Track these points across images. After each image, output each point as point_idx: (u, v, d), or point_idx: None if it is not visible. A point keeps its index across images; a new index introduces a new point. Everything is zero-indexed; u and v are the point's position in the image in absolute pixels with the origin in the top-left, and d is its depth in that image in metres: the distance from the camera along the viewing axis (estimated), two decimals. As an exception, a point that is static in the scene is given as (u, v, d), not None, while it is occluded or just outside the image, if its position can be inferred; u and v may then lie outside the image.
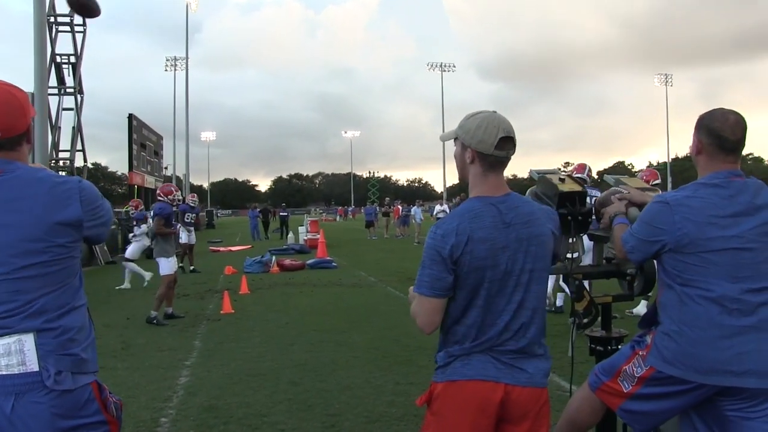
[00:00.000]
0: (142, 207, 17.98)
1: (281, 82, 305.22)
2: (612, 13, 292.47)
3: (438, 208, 33.45)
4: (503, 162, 2.54)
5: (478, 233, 2.42)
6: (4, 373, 2.14)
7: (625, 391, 2.91)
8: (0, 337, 2.16)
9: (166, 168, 54.82)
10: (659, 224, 2.81)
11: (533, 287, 2.51)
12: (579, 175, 8.93)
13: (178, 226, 16.93)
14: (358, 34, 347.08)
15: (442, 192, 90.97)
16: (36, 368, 2.16)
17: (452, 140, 2.64)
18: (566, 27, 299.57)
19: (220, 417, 5.45)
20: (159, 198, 11.39)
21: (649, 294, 3.65)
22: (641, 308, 9.06)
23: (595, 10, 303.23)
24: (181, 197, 15.31)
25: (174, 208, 12.36)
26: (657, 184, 8.76)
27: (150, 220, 15.55)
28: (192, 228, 18.33)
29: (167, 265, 10.25)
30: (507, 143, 2.50)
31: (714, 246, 2.70)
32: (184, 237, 17.66)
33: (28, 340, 2.16)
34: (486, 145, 2.49)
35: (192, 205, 19.26)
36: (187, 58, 59.06)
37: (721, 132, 2.81)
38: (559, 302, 9.82)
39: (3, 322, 2.16)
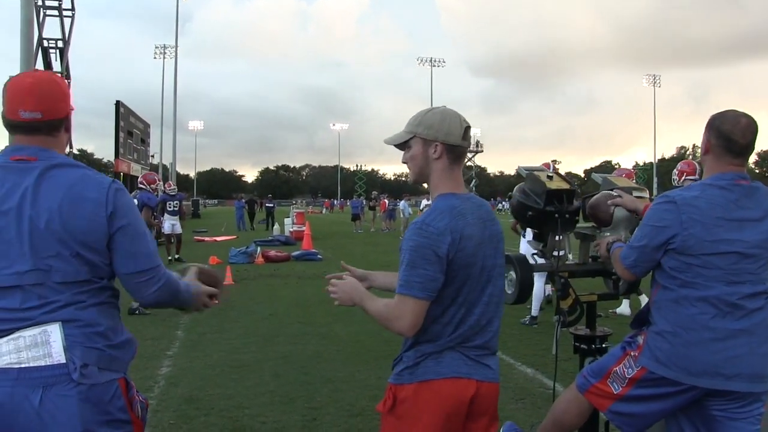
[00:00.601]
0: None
1: (271, 73, 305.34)
2: (604, 13, 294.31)
3: (425, 202, 33.40)
4: (465, 154, 2.55)
5: (466, 230, 2.38)
6: (30, 365, 2.08)
7: (615, 392, 2.90)
8: (24, 328, 2.11)
9: (152, 156, 54.51)
10: (666, 224, 2.76)
11: (499, 282, 2.52)
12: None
13: (162, 218, 16.88)
14: (350, 28, 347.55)
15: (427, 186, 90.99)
16: (63, 360, 2.10)
17: (403, 143, 2.56)
18: (558, 26, 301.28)
19: (201, 408, 5.41)
20: (141, 186, 11.27)
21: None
22: (624, 308, 9.06)
23: (587, 9, 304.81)
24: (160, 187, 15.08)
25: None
26: None
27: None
28: (177, 217, 18.09)
29: None
30: (468, 133, 2.50)
31: (718, 249, 2.69)
32: (167, 227, 17.47)
33: (54, 331, 2.12)
34: (454, 137, 2.46)
35: (171, 193, 18.88)
36: (176, 46, 58.90)
37: (731, 135, 2.78)
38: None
39: (27, 314, 2.12)
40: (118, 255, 2.25)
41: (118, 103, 31.42)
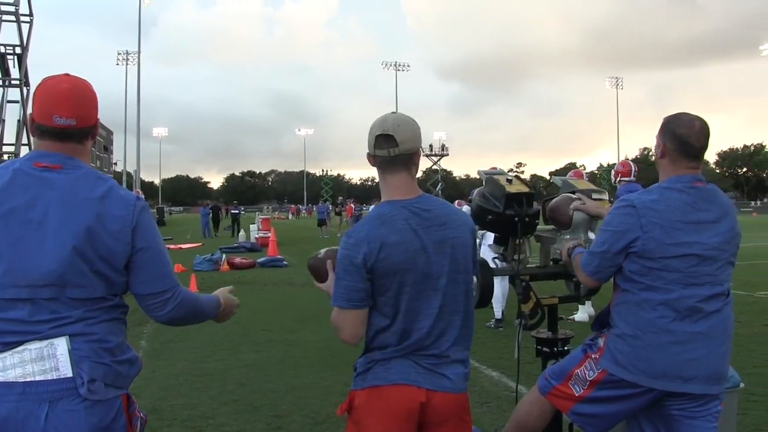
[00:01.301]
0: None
1: (237, 78, 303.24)
2: (569, 17, 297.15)
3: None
4: (395, 162, 2.43)
5: (391, 237, 2.35)
6: (36, 378, 2.02)
7: (576, 394, 2.91)
8: (31, 342, 2.05)
9: (116, 163, 53.96)
10: (627, 228, 2.76)
11: (452, 291, 2.45)
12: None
13: None
14: (318, 32, 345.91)
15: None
16: (70, 374, 2.05)
17: None
18: (524, 29, 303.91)
19: (163, 419, 5.33)
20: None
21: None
22: (580, 314, 9.05)
23: (552, 13, 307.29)
24: None
25: None
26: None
27: None
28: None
29: None
30: (387, 141, 2.41)
31: (677, 252, 2.70)
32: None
33: (61, 344, 2.06)
34: (370, 147, 2.46)
35: None
36: (139, 52, 58.28)
37: (687, 138, 2.80)
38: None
39: (35, 327, 2.05)
40: (136, 275, 2.22)
41: (79, 110, 30.99)
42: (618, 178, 8.54)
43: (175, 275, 2.34)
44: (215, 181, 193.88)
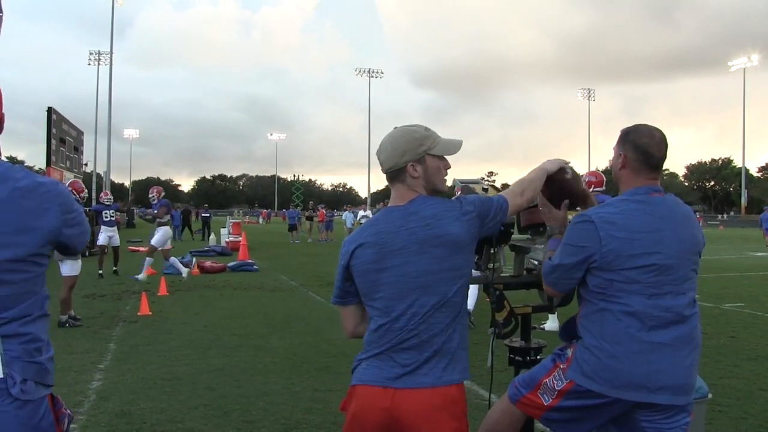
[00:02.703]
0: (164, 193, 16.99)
1: (211, 81, 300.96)
2: (545, 28, 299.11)
3: (361, 213, 33.62)
4: (389, 177, 2.65)
5: (369, 238, 2.52)
6: None
7: (545, 404, 2.92)
8: None
9: (86, 164, 53.24)
10: (585, 243, 2.78)
11: (434, 289, 2.48)
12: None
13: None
14: (294, 37, 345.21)
15: (366, 197, 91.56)
16: (0, 375, 2.01)
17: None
18: (499, 39, 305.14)
19: (132, 423, 5.28)
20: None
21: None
22: (550, 323, 9.10)
23: (528, 24, 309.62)
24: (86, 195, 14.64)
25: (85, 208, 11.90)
26: None
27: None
28: (114, 228, 17.47)
29: (73, 266, 9.57)
30: (381, 160, 2.68)
31: (637, 263, 2.72)
32: (103, 238, 16.96)
33: None
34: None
35: (107, 203, 18.31)
36: (111, 53, 57.83)
37: (648, 148, 2.83)
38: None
39: None
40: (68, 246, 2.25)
41: (50, 110, 30.57)
42: (591, 189, 8.53)
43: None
44: (186, 185, 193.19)
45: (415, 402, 2.44)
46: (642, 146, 2.84)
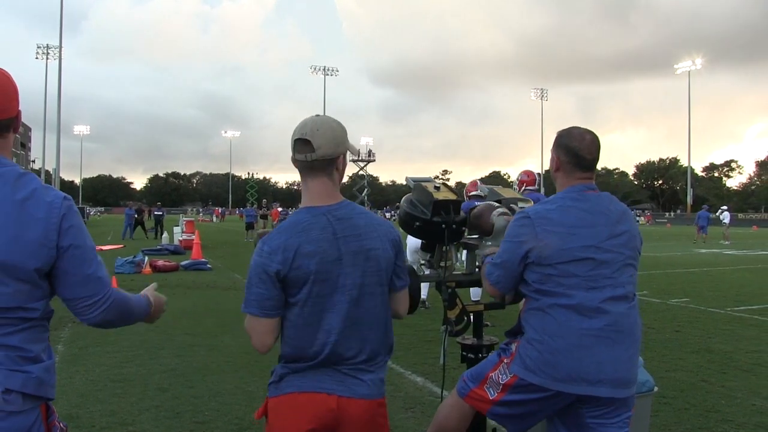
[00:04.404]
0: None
1: (167, 77, 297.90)
2: (503, 28, 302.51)
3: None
4: (314, 167, 2.42)
5: (306, 247, 2.33)
6: None
7: (491, 398, 2.98)
8: None
9: (33, 161, 52.21)
10: (523, 239, 2.87)
11: (366, 302, 2.43)
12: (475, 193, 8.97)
13: None
14: (253, 33, 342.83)
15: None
16: None
17: None
18: (458, 38, 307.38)
19: (81, 426, 5.18)
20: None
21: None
22: None
23: (486, 24, 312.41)
24: None
25: None
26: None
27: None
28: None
29: None
30: (305, 146, 2.41)
31: (573, 256, 2.81)
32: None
33: None
34: (292, 151, 2.46)
35: None
36: (60, 46, 56.72)
37: (579, 151, 2.96)
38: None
39: None
40: (62, 280, 2.08)
41: (-6, 105, 29.93)
42: (523, 188, 8.53)
43: (107, 278, 2.20)
44: (139, 182, 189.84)
45: (359, 409, 2.41)
46: (573, 149, 2.97)
